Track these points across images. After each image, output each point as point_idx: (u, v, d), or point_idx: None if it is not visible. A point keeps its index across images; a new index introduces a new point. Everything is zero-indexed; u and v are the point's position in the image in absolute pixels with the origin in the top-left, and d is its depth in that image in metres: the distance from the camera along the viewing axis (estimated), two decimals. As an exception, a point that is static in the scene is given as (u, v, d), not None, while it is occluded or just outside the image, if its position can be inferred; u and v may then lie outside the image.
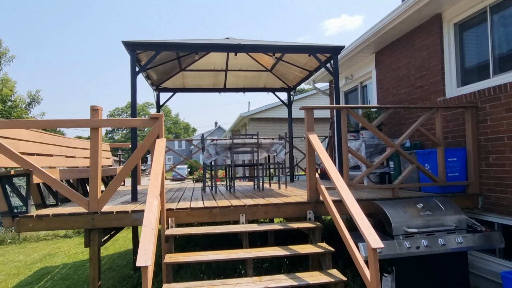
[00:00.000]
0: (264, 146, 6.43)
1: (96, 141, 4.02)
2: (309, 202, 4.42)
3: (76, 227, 3.99)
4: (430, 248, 3.76)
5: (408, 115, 6.31)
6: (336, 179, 3.66)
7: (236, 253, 3.75)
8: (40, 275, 7.59)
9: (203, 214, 4.22)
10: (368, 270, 3.01)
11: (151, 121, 4.13)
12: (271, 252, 3.75)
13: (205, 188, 6.50)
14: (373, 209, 4.30)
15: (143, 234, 2.79)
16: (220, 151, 6.35)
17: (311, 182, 4.42)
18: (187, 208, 4.21)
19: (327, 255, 3.79)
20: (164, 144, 4.05)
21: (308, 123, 4.50)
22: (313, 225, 4.12)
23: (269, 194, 5.55)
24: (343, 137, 4.59)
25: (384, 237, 3.93)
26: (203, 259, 3.62)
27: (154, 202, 3.15)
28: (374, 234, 2.92)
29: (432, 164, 4.91)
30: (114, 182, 4.03)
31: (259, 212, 4.32)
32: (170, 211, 4.17)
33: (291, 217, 4.46)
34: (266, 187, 7.17)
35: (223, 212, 4.25)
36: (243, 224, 4.22)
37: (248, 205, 4.31)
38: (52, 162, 5.35)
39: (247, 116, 18.79)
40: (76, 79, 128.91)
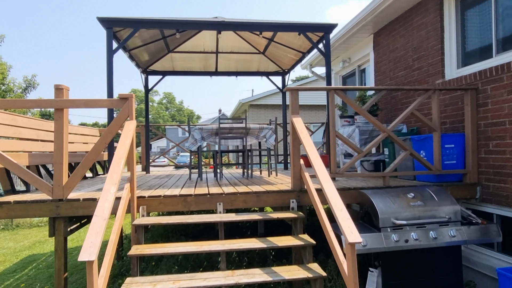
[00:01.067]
0: (253, 131, 6.10)
1: (61, 123, 3.72)
2: (292, 190, 4.11)
3: (39, 215, 3.72)
4: (420, 242, 3.44)
5: (405, 99, 5.94)
6: (318, 166, 3.34)
7: (208, 245, 3.46)
8: (26, 263, 7.42)
9: (176, 202, 3.93)
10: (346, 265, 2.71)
11: (121, 102, 3.81)
12: (247, 245, 3.45)
13: (190, 176, 6.21)
14: (361, 198, 3.98)
15: (92, 224, 2.50)
16: (206, 137, 6.03)
17: (294, 169, 4.10)
18: (160, 196, 3.91)
19: (307, 248, 3.49)
20: (133, 127, 3.73)
21: (293, 106, 4.15)
22: (294, 215, 3.82)
23: (255, 182, 5.25)
24: (330, 120, 4.24)
25: (371, 229, 3.62)
26: (170, 252, 3.33)
27: (111, 189, 2.85)
28: (352, 227, 2.60)
29: (428, 151, 4.56)
30: (80, 167, 3.74)
31: (238, 201, 4.02)
32: (141, 199, 3.88)
33: (273, 206, 4.16)
34: (256, 174, 6.87)
35: (198, 201, 3.95)
36: (220, 214, 3.93)
37: (226, 193, 4.01)
38: (26, 146, 5.07)
39: (247, 103, 18.41)
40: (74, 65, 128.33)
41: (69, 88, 3.90)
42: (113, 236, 3.03)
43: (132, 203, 3.76)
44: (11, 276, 6.49)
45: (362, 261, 3.88)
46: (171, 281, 3.10)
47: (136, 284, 3.04)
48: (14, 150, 4.63)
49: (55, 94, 3.81)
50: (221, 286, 3.09)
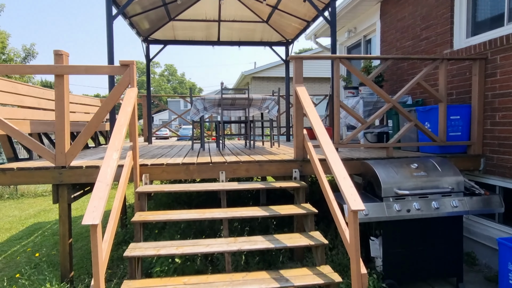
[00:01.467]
0: (256, 102, 6.04)
1: (61, 90, 3.66)
2: (295, 160, 4.10)
3: (42, 182, 3.73)
4: (422, 212, 3.45)
5: (411, 70, 5.82)
6: (321, 135, 3.30)
7: (211, 213, 3.49)
8: (32, 230, 7.56)
9: (179, 171, 3.93)
10: (348, 232, 2.72)
11: (121, 69, 3.74)
12: (249, 213, 3.47)
13: (193, 146, 6.20)
14: (364, 169, 3.97)
15: (95, 190, 2.50)
16: (209, 107, 5.98)
17: (298, 139, 4.06)
18: (162, 164, 3.91)
19: (309, 216, 3.51)
20: (135, 95, 3.68)
21: (297, 75, 4.07)
22: (297, 184, 3.82)
23: (258, 152, 5.24)
24: (335, 90, 4.17)
25: (373, 199, 3.62)
26: (173, 218, 3.36)
27: (113, 155, 2.83)
28: (355, 195, 2.60)
29: (433, 123, 4.51)
30: (82, 135, 3.72)
31: (240, 169, 4.02)
32: (144, 167, 3.88)
33: (276, 175, 4.16)
34: (259, 145, 6.86)
35: (201, 169, 3.95)
36: (222, 182, 3.93)
37: (229, 162, 4.00)
38: (28, 115, 5.04)
39: (249, 75, 18.17)
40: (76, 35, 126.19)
41: (69, 54, 3.82)
42: (117, 203, 3.05)
43: (135, 171, 3.76)
44: (17, 242, 6.63)
45: (363, 231, 3.91)
46: (174, 247, 3.14)
47: (139, 249, 3.08)
48: (16, 118, 4.60)
49: (54, 60, 3.73)
50: (224, 252, 3.13)
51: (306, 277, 2.94)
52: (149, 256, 3.11)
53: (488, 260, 4.24)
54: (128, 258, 2.99)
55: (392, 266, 3.56)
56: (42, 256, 5.55)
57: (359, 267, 2.57)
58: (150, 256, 3.02)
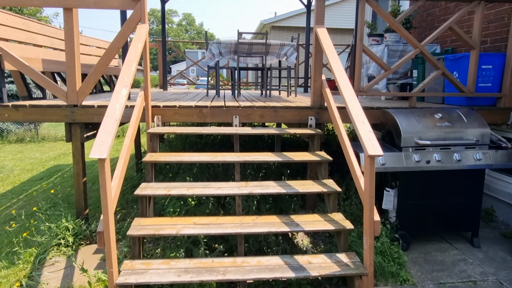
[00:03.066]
0: (273, 48, 5.77)
1: (71, 24, 3.52)
2: (311, 107, 3.93)
3: (55, 120, 3.70)
4: (442, 164, 3.30)
5: (443, 17, 5.39)
6: (341, 79, 3.10)
7: (223, 156, 3.42)
8: (52, 172, 7.78)
9: (192, 113, 3.83)
10: (363, 180, 2.62)
11: (132, 3, 3.54)
12: (262, 157, 3.39)
13: (208, 92, 6.07)
14: (384, 118, 3.78)
15: (103, 124, 2.43)
16: (225, 53, 5.75)
17: (315, 84, 3.87)
18: (175, 107, 3.81)
19: (323, 164, 3.41)
20: (146, 31, 3.51)
21: (318, 14, 3.79)
22: (312, 131, 3.69)
23: (274, 100, 5.07)
24: (358, 33, 3.89)
25: (391, 149, 3.47)
26: (185, 160, 3.31)
27: (122, 91, 2.73)
28: (374, 139, 2.46)
29: (462, 72, 4.21)
30: (93, 73, 3.62)
31: (254, 114, 3.89)
32: (156, 109, 3.80)
33: (291, 122, 4.02)
34: (275, 94, 6.67)
35: (214, 113, 3.84)
36: (235, 127, 3.83)
37: (243, 106, 3.87)
38: (41, 53, 4.96)
39: (269, 24, 17.48)
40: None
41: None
42: (127, 141, 3.00)
43: (146, 112, 3.68)
44: (38, 182, 6.84)
45: (378, 183, 3.81)
46: (185, 188, 3.12)
47: (150, 189, 3.08)
48: (28, 56, 4.52)
49: (63, -8, 3.55)
50: (235, 195, 3.10)
51: (317, 223, 2.90)
52: (160, 196, 3.12)
53: (506, 217, 4.12)
54: (139, 196, 3.00)
55: (405, 218, 3.48)
56: (59, 194, 5.72)
57: (372, 214, 2.49)
58: (161, 195, 3.01)
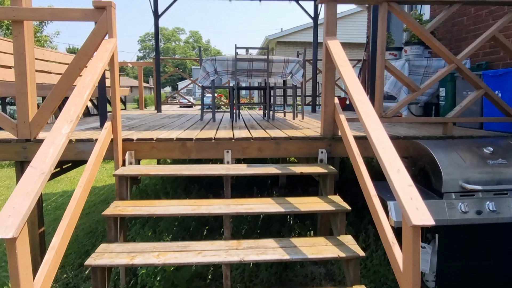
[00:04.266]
0: (277, 66, 5.04)
1: (22, 41, 2.83)
2: (322, 137, 3.16)
3: (3, 158, 2.98)
4: (498, 215, 2.48)
5: (473, 26, 4.63)
6: (361, 103, 2.34)
7: (209, 206, 2.65)
8: (36, 203, 7.04)
9: (173, 148, 3.08)
10: (400, 253, 1.82)
11: (96, 13, 2.84)
12: (259, 206, 2.61)
13: (202, 116, 5.34)
14: (414, 151, 2.99)
15: (22, 179, 1.69)
16: (221, 72, 5.04)
17: (327, 109, 3.11)
18: (151, 140, 3.07)
19: (339, 215, 2.61)
20: (113, 47, 2.79)
21: (329, 24, 3.06)
22: (324, 170, 2.90)
23: (277, 125, 4.32)
24: (379, 45, 3.14)
25: (428, 193, 2.67)
26: (158, 213, 2.54)
27: (63, 128, 1.99)
28: (417, 199, 1.66)
29: (506, 92, 3.42)
30: (49, 99, 2.90)
31: (251, 148, 3.13)
32: (128, 143, 3.06)
33: (297, 157, 3.25)
34: (280, 116, 5.92)
35: (200, 147, 3.09)
36: (227, 165, 3.07)
37: (236, 138, 3.11)
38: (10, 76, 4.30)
39: (274, 39, 16.90)
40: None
41: (32, -5, 2.96)
42: (79, 192, 2.25)
43: (115, 147, 2.94)
44: None
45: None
46: (156, 252, 2.34)
47: (109, 255, 2.30)
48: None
49: (11, 1, 2.88)
50: (221, 264, 2.31)
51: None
52: (119, 266, 2.34)
53: None
54: (91, 267, 2.22)
55: (449, 284, 2.65)
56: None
57: (417, 309, 1.67)
58: (121, 265, 2.24)
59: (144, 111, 7.79)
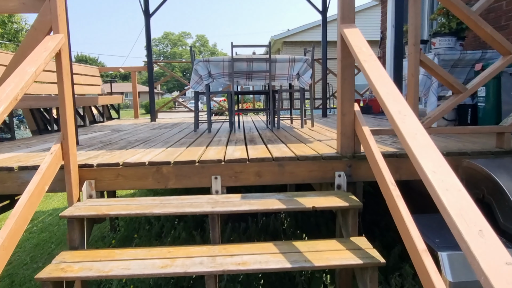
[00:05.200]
0: (281, 67, 4.32)
1: None
2: (339, 156, 2.42)
3: None
4: None
5: (517, 10, 3.85)
6: (401, 116, 1.59)
7: (187, 256, 1.92)
8: (22, 223, 6.41)
9: (144, 175, 2.37)
10: None
11: (37, 4, 2.16)
12: (255, 260, 1.87)
13: (197, 126, 4.63)
14: (465, 173, 2.23)
15: None
16: (216, 74, 4.33)
17: (344, 120, 2.37)
18: (117, 165, 2.36)
19: (369, 271, 1.86)
20: (56, 45, 2.10)
21: (344, 8, 2.33)
22: (343, 202, 2.15)
23: (282, 136, 3.59)
24: (411, 35, 2.38)
25: (492, 235, 1.91)
26: (114, 273, 1.82)
27: None
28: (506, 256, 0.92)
29: None
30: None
31: (247, 173, 2.40)
32: (86, 170, 2.35)
33: (307, 182, 2.51)
34: (286, 124, 5.19)
35: (181, 173, 2.37)
36: (214, 196, 2.34)
37: (227, 160, 2.39)
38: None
39: (280, 40, 16.17)
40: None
41: None
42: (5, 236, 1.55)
43: (67, 177, 2.24)
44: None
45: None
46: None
47: None
48: None
49: None
50: None
51: None
52: None
53: None
54: None
55: None
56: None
57: None
58: None
59: (139, 120, 7.12)
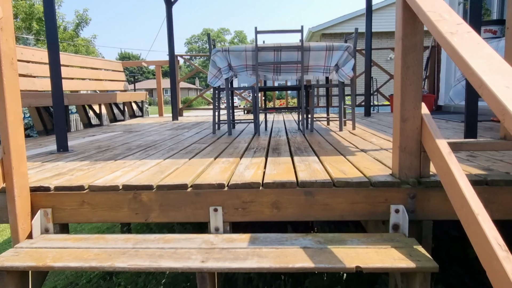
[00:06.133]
0: (316, 56, 3.55)
1: None
2: (396, 181, 1.63)
3: None
4: None
5: None
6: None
7: None
8: None
9: (118, 203, 1.71)
10: None
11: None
12: None
13: (215, 128, 3.96)
14: None
15: None
16: (238, 67, 3.64)
17: (405, 127, 1.58)
18: (81, 188, 1.72)
19: None
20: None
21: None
22: (406, 260, 1.37)
23: (315, 143, 2.83)
24: None
25: None
26: None
27: None
28: None
29: None
30: None
31: (260, 203, 1.67)
32: (41, 195, 1.73)
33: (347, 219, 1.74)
34: (321, 125, 4.41)
35: (167, 201, 1.69)
36: (214, 235, 1.64)
37: (232, 185, 1.67)
38: None
39: (318, 31, 15.20)
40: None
41: None
42: None
43: (10, 204, 1.63)
44: None
45: None
46: None
47: None
48: None
49: None
50: None
51: None
52: None
53: None
54: None
55: None
56: None
57: None
58: None
59: (162, 118, 6.61)
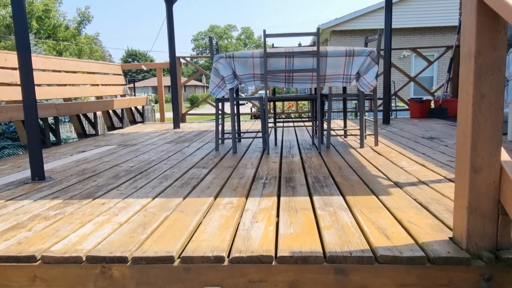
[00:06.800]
0: (334, 61, 3.07)
1: None
2: (465, 256, 1.15)
3: None
4: None
5: None
6: None
7: None
8: None
9: (81, 280, 1.24)
10: None
11: None
12: None
13: (218, 144, 3.50)
14: None
15: None
16: (244, 76, 3.17)
17: (477, 180, 1.10)
18: (33, 260, 1.27)
19: None
20: None
21: None
22: None
23: (337, 167, 2.35)
24: None
25: None
26: None
27: None
28: None
29: None
30: None
31: (272, 283, 1.20)
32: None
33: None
34: (337, 140, 3.93)
35: (145, 279, 1.23)
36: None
37: (234, 258, 1.22)
38: None
39: (328, 29, 14.60)
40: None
41: None
42: None
43: None
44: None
45: None
46: None
47: None
48: None
49: None
50: None
51: None
52: None
53: None
54: None
55: None
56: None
57: None
58: None
59: (164, 125, 6.17)
